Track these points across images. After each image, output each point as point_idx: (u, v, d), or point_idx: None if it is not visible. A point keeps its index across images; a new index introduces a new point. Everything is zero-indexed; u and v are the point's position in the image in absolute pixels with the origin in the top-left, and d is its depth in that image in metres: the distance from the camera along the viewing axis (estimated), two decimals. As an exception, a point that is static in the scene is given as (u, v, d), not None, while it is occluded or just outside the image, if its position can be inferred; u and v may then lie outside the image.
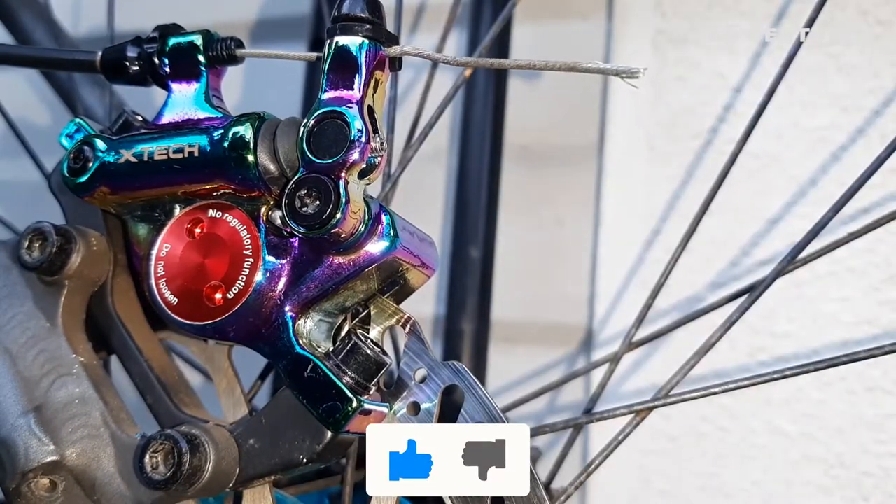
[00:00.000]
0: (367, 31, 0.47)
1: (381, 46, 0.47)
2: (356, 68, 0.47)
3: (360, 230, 0.46)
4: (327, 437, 0.46)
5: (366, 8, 0.47)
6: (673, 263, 0.60)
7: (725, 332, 0.55)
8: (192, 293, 0.50)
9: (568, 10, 0.92)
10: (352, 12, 0.47)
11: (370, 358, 0.46)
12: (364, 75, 0.47)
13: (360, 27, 0.47)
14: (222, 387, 0.52)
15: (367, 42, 0.47)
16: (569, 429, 0.60)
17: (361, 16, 0.47)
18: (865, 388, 0.78)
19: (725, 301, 0.64)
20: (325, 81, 0.47)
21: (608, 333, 0.87)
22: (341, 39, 0.47)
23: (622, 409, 0.56)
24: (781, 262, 0.55)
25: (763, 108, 0.56)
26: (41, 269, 0.52)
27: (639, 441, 0.85)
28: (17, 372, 0.50)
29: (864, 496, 0.77)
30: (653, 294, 0.60)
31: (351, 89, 0.47)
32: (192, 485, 0.45)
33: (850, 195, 0.53)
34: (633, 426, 0.55)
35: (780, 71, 0.55)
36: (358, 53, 0.47)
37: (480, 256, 0.86)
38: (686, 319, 0.65)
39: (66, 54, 0.58)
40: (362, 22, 0.47)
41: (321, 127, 0.46)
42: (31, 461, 0.48)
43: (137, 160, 0.51)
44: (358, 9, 0.47)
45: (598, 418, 0.57)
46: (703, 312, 0.64)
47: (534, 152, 0.93)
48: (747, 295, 0.56)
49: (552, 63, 0.45)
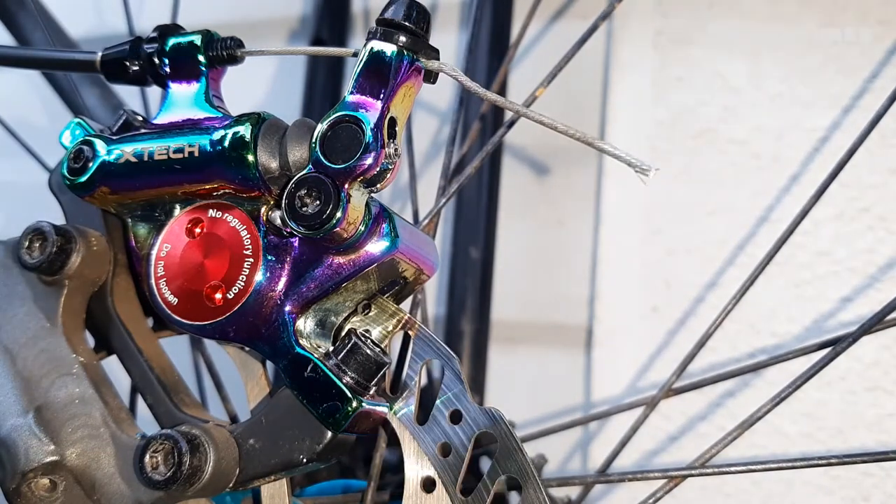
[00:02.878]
0: (407, 43, 0.45)
1: (418, 59, 0.46)
2: (386, 78, 0.45)
3: (361, 230, 0.46)
4: (327, 436, 0.46)
5: (411, 17, 0.45)
6: (724, 315, 0.59)
7: (788, 392, 0.54)
8: (192, 293, 0.49)
9: (568, 10, 0.92)
10: (395, 18, 0.45)
11: (370, 358, 0.46)
12: (393, 85, 0.45)
13: (399, 35, 0.45)
14: (253, 394, 0.52)
15: (404, 53, 0.45)
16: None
17: (404, 24, 0.45)
18: (865, 388, 0.78)
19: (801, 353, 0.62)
20: (355, 83, 0.46)
21: (608, 332, 0.87)
22: (378, 45, 0.46)
23: (657, 473, 0.55)
24: (870, 320, 0.53)
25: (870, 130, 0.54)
26: (41, 268, 0.52)
27: (639, 441, 0.85)
28: (17, 372, 0.50)
29: (864, 496, 0.77)
30: (699, 344, 0.59)
31: (377, 97, 0.45)
32: (192, 485, 0.45)
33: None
34: (665, 492, 0.54)
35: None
36: (392, 62, 0.45)
37: (481, 257, 0.86)
38: (725, 375, 0.63)
39: (67, 55, 0.58)
40: (404, 31, 0.45)
41: (335, 131, 0.46)
42: (32, 461, 0.48)
43: (137, 160, 0.50)
44: (402, 15, 0.45)
45: (630, 478, 0.56)
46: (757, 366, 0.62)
47: (534, 153, 0.93)
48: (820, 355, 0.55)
49: (573, 132, 0.43)
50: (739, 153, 0.82)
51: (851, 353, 0.78)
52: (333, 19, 0.95)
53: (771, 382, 0.81)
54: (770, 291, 0.81)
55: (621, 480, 0.57)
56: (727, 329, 0.83)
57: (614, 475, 0.58)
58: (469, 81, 0.46)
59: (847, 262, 0.79)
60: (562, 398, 0.89)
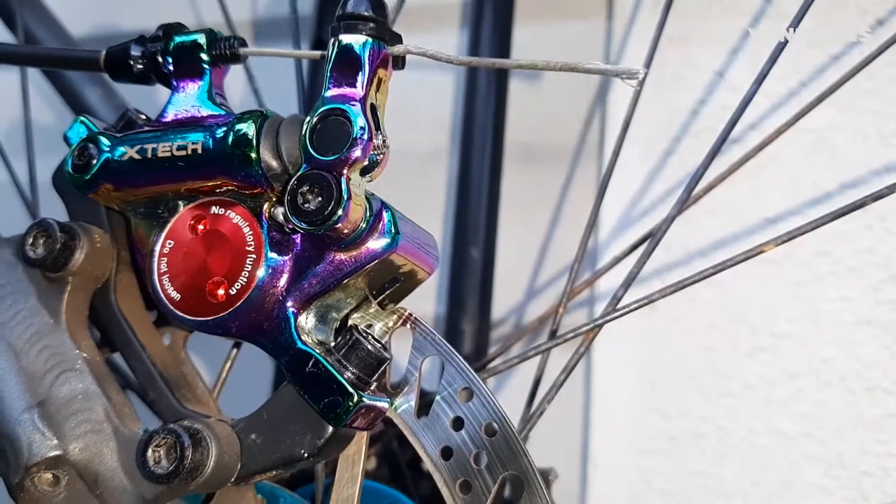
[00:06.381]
0: (371, 30, 0.47)
1: (384, 45, 0.48)
2: (359, 66, 0.47)
3: (362, 227, 0.46)
4: (328, 431, 0.46)
5: (369, 7, 0.47)
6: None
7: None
8: (194, 289, 0.50)
9: (568, 10, 0.93)
10: (356, 11, 0.47)
11: (371, 353, 0.47)
12: (367, 73, 0.47)
13: (363, 26, 0.47)
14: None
15: (370, 41, 0.47)
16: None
17: (365, 14, 0.47)
18: (865, 389, 0.78)
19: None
20: (329, 79, 0.47)
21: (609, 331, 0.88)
22: (345, 38, 0.47)
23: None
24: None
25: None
26: (45, 265, 0.52)
27: (639, 441, 0.85)
28: (20, 367, 0.50)
29: (864, 496, 0.77)
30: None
31: (354, 87, 0.47)
32: (194, 479, 0.45)
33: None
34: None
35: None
36: (361, 52, 0.47)
37: (481, 257, 0.86)
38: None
39: (70, 53, 0.59)
40: (366, 20, 0.47)
41: (324, 124, 0.47)
42: (35, 456, 0.48)
43: (141, 157, 0.51)
44: (362, 7, 0.47)
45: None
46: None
47: (534, 152, 0.94)
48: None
49: (553, 63, 0.45)
50: (739, 153, 0.82)
51: (851, 353, 0.78)
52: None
53: (771, 383, 0.81)
54: (770, 291, 0.81)
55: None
56: (727, 329, 0.83)
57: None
58: (437, 53, 0.48)
59: (847, 261, 0.79)
60: (562, 398, 0.89)
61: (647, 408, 0.85)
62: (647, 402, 0.85)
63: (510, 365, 0.57)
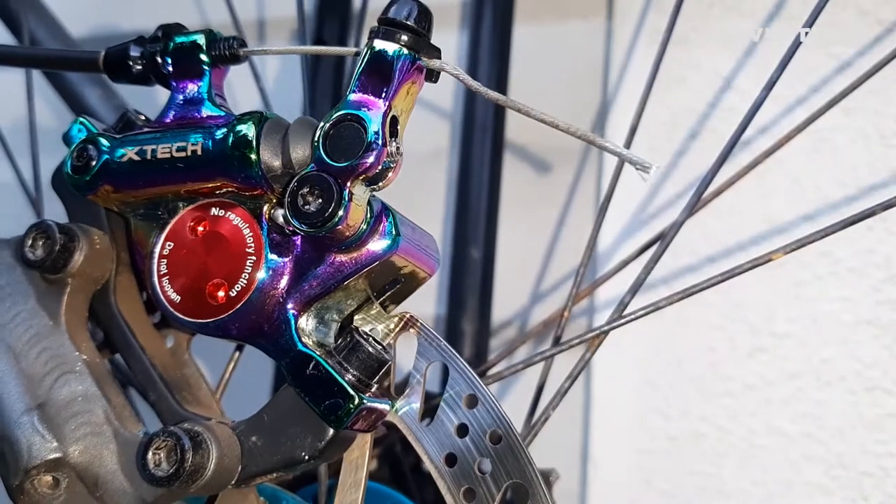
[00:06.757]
0: (408, 42, 0.45)
1: (419, 58, 0.46)
2: (388, 77, 0.45)
3: (363, 228, 0.46)
4: (329, 434, 0.46)
5: (413, 16, 0.45)
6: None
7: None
8: (194, 291, 0.50)
9: (568, 10, 0.92)
10: (397, 17, 0.45)
11: (372, 355, 0.46)
12: (395, 85, 0.46)
13: (401, 35, 0.45)
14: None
15: (405, 52, 0.45)
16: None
17: (406, 23, 0.45)
18: (865, 389, 0.78)
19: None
20: (356, 82, 0.46)
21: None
22: (380, 44, 0.46)
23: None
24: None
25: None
26: (44, 267, 0.52)
27: (639, 441, 0.85)
28: (20, 370, 0.50)
29: (864, 496, 0.77)
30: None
31: (378, 96, 0.46)
32: (194, 482, 0.45)
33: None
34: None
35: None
36: (394, 62, 0.45)
37: (481, 257, 0.86)
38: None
39: (69, 54, 0.58)
40: (405, 30, 0.45)
41: (338, 129, 0.46)
42: (34, 458, 0.48)
43: (140, 159, 0.51)
44: (404, 14, 0.45)
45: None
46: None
47: (534, 152, 0.94)
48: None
49: (575, 129, 0.43)
50: (739, 153, 0.82)
51: (851, 353, 0.78)
52: (333, 19, 0.95)
53: (771, 383, 0.81)
54: (770, 291, 0.81)
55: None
56: (727, 329, 0.83)
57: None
58: (470, 80, 0.46)
59: (847, 262, 0.79)
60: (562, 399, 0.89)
61: (646, 408, 0.85)
62: (647, 402, 0.85)
63: (514, 371, 0.57)
